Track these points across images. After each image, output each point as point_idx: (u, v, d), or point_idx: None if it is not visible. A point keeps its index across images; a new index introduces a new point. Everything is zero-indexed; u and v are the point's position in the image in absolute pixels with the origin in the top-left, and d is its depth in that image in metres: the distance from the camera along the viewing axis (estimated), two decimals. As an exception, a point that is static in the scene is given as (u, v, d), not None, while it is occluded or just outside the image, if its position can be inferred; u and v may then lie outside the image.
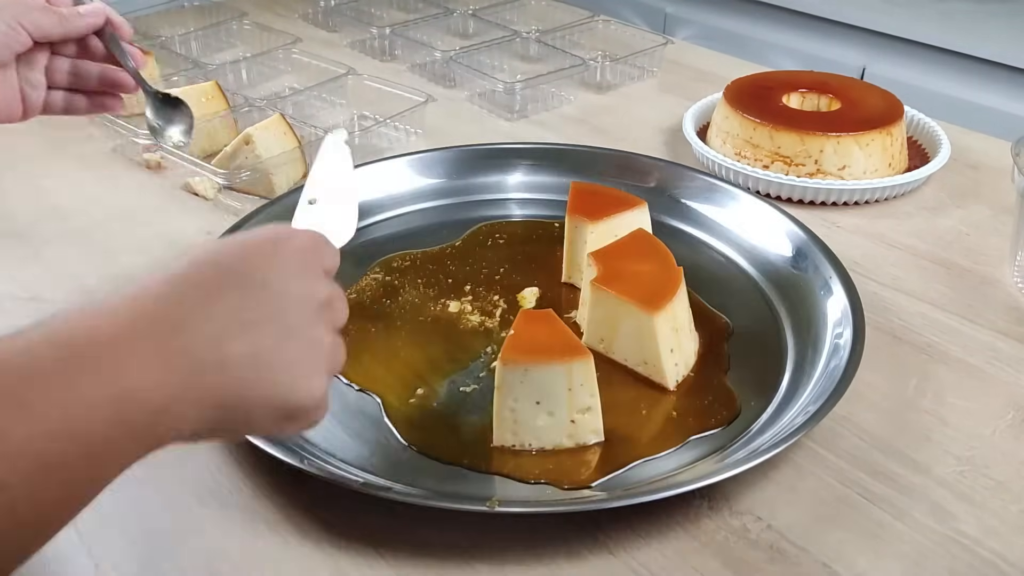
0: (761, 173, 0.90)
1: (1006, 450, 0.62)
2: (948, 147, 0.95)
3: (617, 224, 0.75)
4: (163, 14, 1.41)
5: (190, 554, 0.54)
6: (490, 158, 0.93)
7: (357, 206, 0.56)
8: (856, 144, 0.91)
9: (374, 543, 0.55)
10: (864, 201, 0.91)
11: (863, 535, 0.55)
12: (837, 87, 1.00)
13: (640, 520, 0.56)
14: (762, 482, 0.59)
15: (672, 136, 1.06)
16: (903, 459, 0.61)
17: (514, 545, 0.53)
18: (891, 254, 0.83)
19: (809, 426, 0.58)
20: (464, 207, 0.90)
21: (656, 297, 0.65)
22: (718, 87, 1.03)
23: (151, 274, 0.40)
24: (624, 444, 0.62)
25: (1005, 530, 0.56)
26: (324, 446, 0.61)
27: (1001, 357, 0.70)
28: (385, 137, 1.04)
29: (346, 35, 1.35)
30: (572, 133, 1.07)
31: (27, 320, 0.36)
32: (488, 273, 0.80)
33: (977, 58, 1.48)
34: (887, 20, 1.58)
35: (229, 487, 0.59)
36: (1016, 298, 0.77)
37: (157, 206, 0.92)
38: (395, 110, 1.03)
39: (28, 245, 0.85)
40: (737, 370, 0.68)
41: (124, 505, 0.58)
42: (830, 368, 0.64)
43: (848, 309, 0.69)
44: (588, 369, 0.60)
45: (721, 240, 0.83)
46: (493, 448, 0.61)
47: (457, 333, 0.72)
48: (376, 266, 0.81)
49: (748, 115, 0.94)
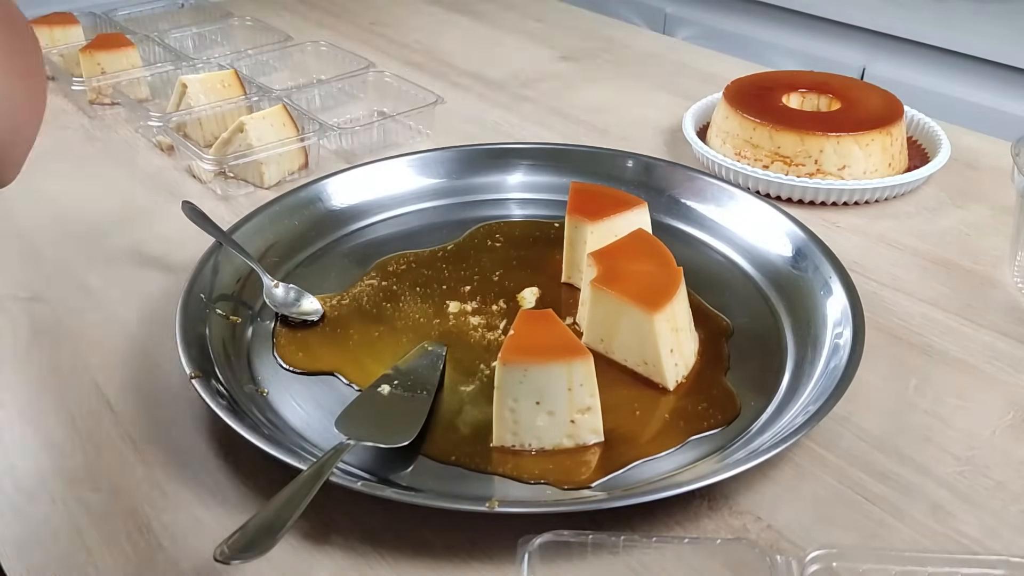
0: (761, 173, 0.90)
1: (1006, 450, 0.62)
2: (948, 147, 0.95)
3: (617, 224, 0.75)
4: (160, 13, 1.41)
5: (190, 554, 0.54)
6: (490, 158, 0.93)
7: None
8: (856, 144, 0.91)
9: (374, 543, 0.55)
10: (864, 201, 0.91)
11: (863, 535, 0.55)
12: (837, 87, 1.00)
13: (640, 520, 0.56)
14: (762, 482, 0.59)
15: (672, 136, 1.06)
16: (903, 459, 0.61)
17: (514, 545, 0.53)
18: (891, 254, 0.83)
19: (809, 426, 0.58)
20: (464, 207, 0.90)
21: (656, 297, 0.65)
22: (718, 87, 1.03)
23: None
24: (624, 444, 0.62)
25: (1005, 530, 0.56)
26: (324, 446, 0.61)
27: (1001, 357, 0.70)
28: (393, 133, 1.05)
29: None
30: (572, 133, 1.07)
31: (28, 319, 0.36)
32: (488, 273, 0.80)
33: (977, 58, 1.49)
34: (887, 20, 1.58)
35: (229, 487, 0.59)
36: (1016, 298, 0.77)
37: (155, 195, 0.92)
38: (409, 107, 1.05)
39: (29, 245, 0.85)
40: (737, 370, 0.68)
41: (124, 505, 0.58)
42: (830, 368, 0.64)
43: (848, 309, 0.69)
44: (588, 369, 0.60)
45: (721, 240, 0.83)
46: (493, 448, 0.61)
47: (457, 333, 0.72)
48: (375, 266, 0.81)
49: (748, 115, 0.94)
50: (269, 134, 0.94)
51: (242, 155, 0.92)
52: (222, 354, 0.68)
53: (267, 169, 0.94)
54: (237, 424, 0.58)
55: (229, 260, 0.76)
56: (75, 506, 0.58)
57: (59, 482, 0.60)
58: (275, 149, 0.94)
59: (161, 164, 1.01)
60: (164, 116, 1.00)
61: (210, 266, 0.74)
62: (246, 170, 0.95)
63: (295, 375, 0.68)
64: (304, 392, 0.67)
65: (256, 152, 0.92)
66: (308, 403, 0.66)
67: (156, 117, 1.00)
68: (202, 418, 0.64)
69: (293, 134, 0.96)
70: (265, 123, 0.95)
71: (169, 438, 0.63)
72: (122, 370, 0.69)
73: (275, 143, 0.94)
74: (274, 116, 0.96)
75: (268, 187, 0.95)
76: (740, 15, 1.80)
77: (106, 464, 0.61)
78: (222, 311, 0.72)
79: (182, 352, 0.64)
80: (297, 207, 0.84)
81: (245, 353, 0.70)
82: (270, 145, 0.93)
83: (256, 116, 0.95)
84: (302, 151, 0.97)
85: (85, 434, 0.64)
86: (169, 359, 0.68)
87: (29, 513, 0.58)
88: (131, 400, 0.66)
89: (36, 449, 0.63)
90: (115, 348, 0.72)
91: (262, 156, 0.93)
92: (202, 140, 1.01)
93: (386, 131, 1.04)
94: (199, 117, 1.01)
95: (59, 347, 0.72)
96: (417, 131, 1.05)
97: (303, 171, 0.98)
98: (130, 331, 0.74)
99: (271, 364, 0.69)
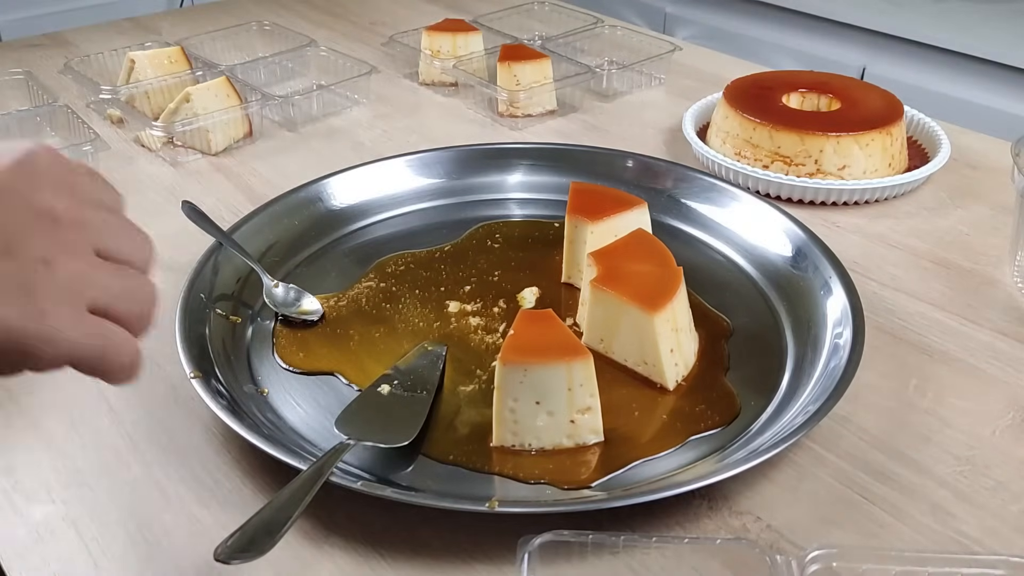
0: (761, 173, 0.90)
1: (1006, 450, 0.62)
2: (948, 147, 0.95)
3: (617, 224, 0.75)
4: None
5: (190, 554, 0.54)
6: (490, 158, 0.93)
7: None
8: (856, 144, 0.91)
9: (374, 543, 0.55)
10: (864, 201, 0.91)
11: (863, 535, 0.55)
12: (837, 87, 1.00)
13: (640, 520, 0.56)
14: (762, 482, 0.59)
15: (672, 136, 1.06)
16: (903, 459, 0.61)
17: (514, 545, 0.53)
18: (891, 254, 0.83)
19: (809, 426, 0.58)
20: (463, 207, 0.90)
21: (656, 297, 0.65)
22: (718, 87, 1.03)
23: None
24: (624, 444, 0.62)
25: (1005, 530, 0.56)
26: (324, 446, 0.61)
27: (1001, 357, 0.70)
28: (331, 104, 1.14)
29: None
30: (572, 133, 1.08)
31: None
32: (487, 273, 0.80)
33: (977, 58, 1.49)
34: (887, 20, 1.58)
35: (229, 487, 0.59)
36: (1016, 298, 0.77)
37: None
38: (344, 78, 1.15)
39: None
40: (737, 370, 0.68)
41: (124, 505, 0.58)
42: (830, 368, 0.64)
43: (848, 309, 0.69)
44: (588, 369, 0.60)
45: (721, 240, 0.83)
46: (493, 448, 0.61)
47: (456, 333, 0.72)
48: (375, 266, 0.81)
49: (748, 115, 0.94)
50: (214, 103, 1.00)
51: (188, 123, 0.98)
52: (222, 354, 0.68)
53: (213, 136, 1.00)
54: (237, 424, 0.58)
55: (229, 260, 0.76)
56: (75, 506, 0.58)
57: (59, 482, 0.60)
58: (219, 117, 1.00)
59: (111, 135, 1.06)
60: (113, 89, 1.07)
61: (210, 266, 0.74)
62: (193, 137, 1.02)
63: (295, 375, 0.68)
64: (304, 392, 0.67)
65: (201, 120, 0.98)
66: (308, 403, 0.66)
67: (106, 90, 1.06)
68: (202, 418, 0.64)
69: (237, 103, 1.02)
70: (209, 93, 1.00)
71: (169, 438, 0.63)
72: (122, 370, 0.69)
73: (219, 111, 1.00)
74: (218, 87, 1.02)
75: (215, 153, 1.02)
76: (740, 15, 1.80)
77: (106, 464, 0.61)
78: (222, 311, 0.72)
79: (182, 352, 0.64)
80: (297, 207, 0.84)
81: (245, 353, 0.70)
82: (215, 113, 1.00)
83: (201, 87, 1.01)
84: (246, 120, 1.04)
85: (85, 434, 0.64)
86: (169, 359, 0.68)
87: (29, 513, 0.58)
88: (131, 400, 0.66)
89: (36, 448, 0.63)
90: (115, 348, 0.72)
91: (207, 123, 0.99)
92: (150, 113, 1.07)
93: (324, 101, 1.12)
94: (147, 90, 1.07)
95: (59, 347, 0.72)
96: (353, 100, 1.14)
97: (247, 139, 1.05)
98: (130, 331, 0.74)
99: (271, 364, 0.69)
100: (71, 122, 1.01)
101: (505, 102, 1.09)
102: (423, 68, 1.20)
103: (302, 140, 1.06)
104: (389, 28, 1.36)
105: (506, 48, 1.13)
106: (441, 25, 1.20)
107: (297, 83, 1.20)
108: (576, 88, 1.14)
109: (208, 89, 1.00)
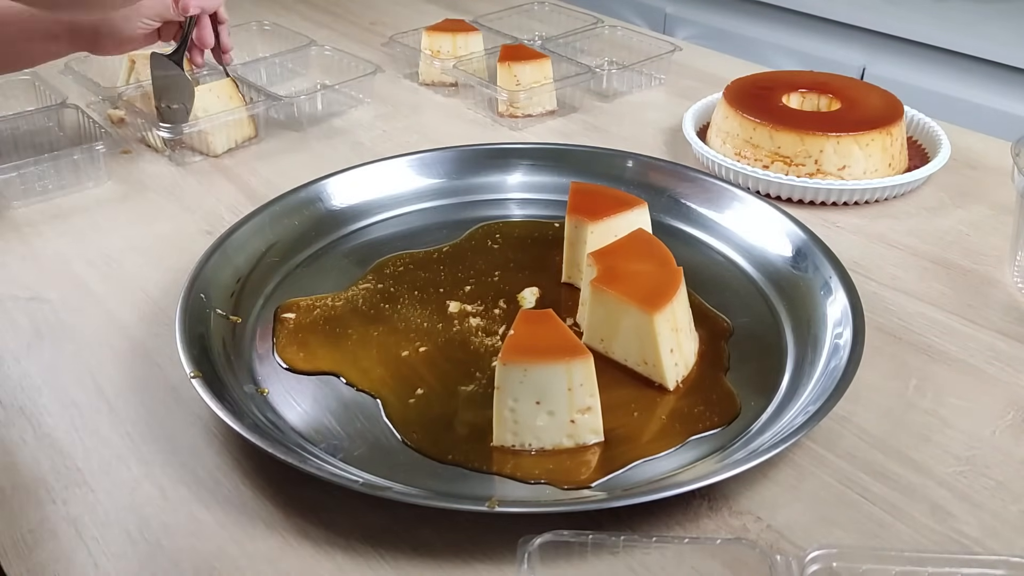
0: (761, 173, 0.90)
1: (1006, 450, 0.62)
2: (948, 147, 0.95)
3: (617, 224, 0.75)
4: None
5: (190, 554, 0.54)
6: (490, 158, 0.93)
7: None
8: (856, 144, 0.91)
9: (374, 543, 0.55)
10: (864, 201, 0.91)
11: (863, 535, 0.55)
12: (837, 87, 1.00)
13: (640, 520, 0.56)
14: (762, 482, 0.59)
15: (672, 136, 1.06)
16: (903, 459, 0.61)
17: (514, 545, 0.53)
18: (891, 254, 0.83)
19: (809, 426, 0.58)
20: (464, 207, 0.90)
21: (656, 297, 0.65)
22: (718, 87, 1.03)
23: None
24: (624, 444, 0.62)
25: (1005, 530, 0.56)
26: (324, 446, 0.61)
27: (1001, 357, 0.70)
28: (335, 103, 1.13)
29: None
30: (572, 133, 1.08)
31: (28, 319, 0.36)
32: (488, 273, 0.80)
33: (977, 58, 1.49)
34: (887, 20, 1.58)
35: (229, 487, 0.59)
36: (1016, 298, 0.77)
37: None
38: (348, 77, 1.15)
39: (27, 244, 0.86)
40: (737, 370, 0.68)
41: (124, 505, 0.58)
42: (830, 368, 0.64)
43: (848, 309, 0.69)
44: (588, 369, 0.60)
45: (721, 240, 0.83)
46: (493, 448, 0.61)
47: (457, 333, 0.72)
48: (375, 266, 0.81)
49: (748, 115, 0.94)
50: (215, 105, 0.99)
51: (188, 125, 0.97)
52: (222, 354, 0.68)
53: (213, 138, 0.99)
54: (237, 424, 0.58)
55: (229, 260, 0.76)
56: (75, 505, 0.58)
57: (59, 481, 0.60)
58: (220, 119, 0.99)
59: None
60: (113, 88, 1.06)
61: (210, 266, 0.74)
62: (193, 139, 1.01)
63: (295, 375, 0.68)
64: (304, 392, 0.67)
65: (200, 123, 0.97)
66: (308, 403, 0.66)
67: (106, 90, 1.05)
68: (202, 418, 0.64)
69: (240, 104, 1.01)
70: (211, 94, 0.99)
71: (169, 438, 0.63)
72: (122, 370, 0.69)
73: (221, 113, 0.99)
74: (220, 88, 1.01)
75: (217, 155, 1.01)
76: (740, 15, 1.80)
77: (106, 464, 0.61)
78: (222, 311, 0.72)
79: (182, 352, 0.64)
80: (297, 207, 0.84)
81: (245, 353, 0.70)
82: (216, 116, 0.98)
83: (203, 88, 0.99)
84: (251, 121, 1.03)
85: (85, 434, 0.64)
86: (169, 359, 0.68)
87: (29, 513, 0.58)
88: (131, 400, 0.66)
89: (36, 448, 0.63)
90: (115, 348, 0.72)
91: (207, 126, 0.98)
92: (151, 113, 1.05)
93: (328, 101, 1.12)
94: (147, 90, 1.05)
95: (59, 347, 0.72)
96: (357, 100, 1.14)
97: (253, 140, 1.03)
98: (130, 331, 0.74)
99: (271, 364, 0.69)
100: (81, 121, 1.01)
101: (505, 102, 1.09)
102: (423, 68, 1.20)
103: (303, 140, 1.06)
104: (389, 28, 1.36)
105: (506, 48, 1.13)
106: (441, 25, 1.21)
107: (299, 83, 1.20)
108: (576, 88, 1.13)
109: (210, 90, 1.00)
